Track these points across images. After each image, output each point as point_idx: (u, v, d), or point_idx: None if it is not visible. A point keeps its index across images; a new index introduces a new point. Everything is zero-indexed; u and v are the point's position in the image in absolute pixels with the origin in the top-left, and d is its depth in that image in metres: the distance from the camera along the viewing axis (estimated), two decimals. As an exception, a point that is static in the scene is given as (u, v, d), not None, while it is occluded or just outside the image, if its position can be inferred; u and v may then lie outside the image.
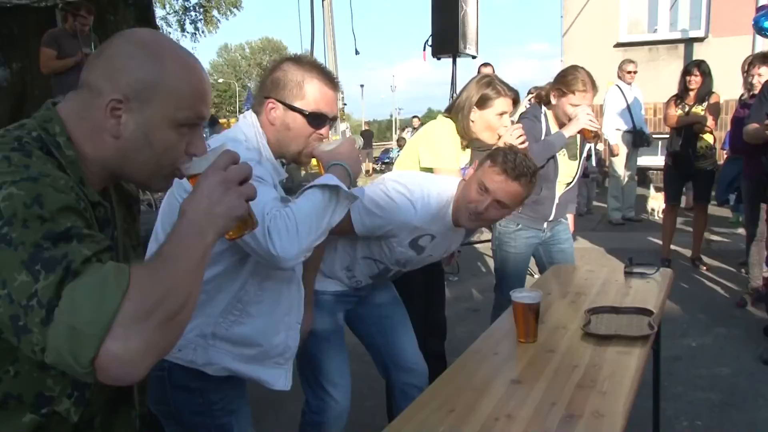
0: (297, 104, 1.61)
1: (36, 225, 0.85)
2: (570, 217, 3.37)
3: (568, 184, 3.13)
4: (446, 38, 4.21)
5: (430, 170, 2.56)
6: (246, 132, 1.64)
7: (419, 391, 1.90)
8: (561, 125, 3.00)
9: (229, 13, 23.61)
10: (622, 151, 7.07)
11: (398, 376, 2.33)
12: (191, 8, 23.74)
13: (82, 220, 0.91)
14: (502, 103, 2.56)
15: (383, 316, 2.35)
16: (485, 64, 6.61)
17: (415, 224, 2.06)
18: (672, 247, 5.61)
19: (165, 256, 0.91)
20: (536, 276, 3.27)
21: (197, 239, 0.94)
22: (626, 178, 7.34)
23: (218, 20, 24.71)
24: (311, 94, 1.62)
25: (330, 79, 1.66)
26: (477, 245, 6.47)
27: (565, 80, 2.99)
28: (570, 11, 10.70)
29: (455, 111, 2.65)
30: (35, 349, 0.84)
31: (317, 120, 1.63)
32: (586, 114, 2.91)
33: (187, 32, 23.51)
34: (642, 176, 9.56)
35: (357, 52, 6.03)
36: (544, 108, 3.08)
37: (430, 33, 4.61)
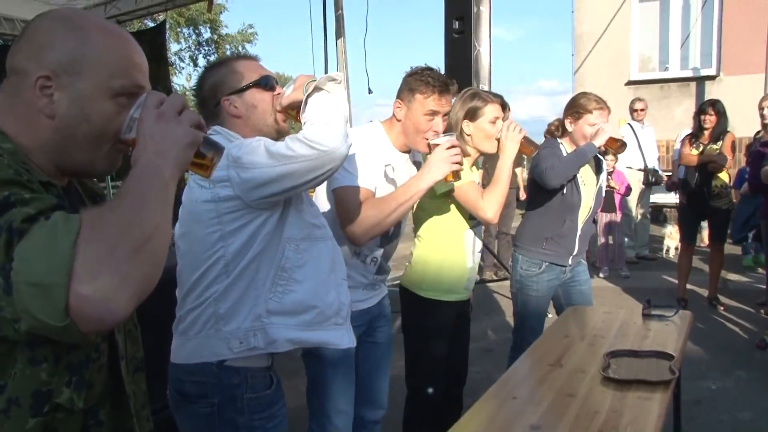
0: (242, 84, 1.71)
1: None
2: None
3: (588, 214, 3.13)
4: (459, 77, 4.26)
5: (447, 194, 2.55)
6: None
7: (377, 426, 2.25)
8: None
9: (241, 48, 24.07)
10: (635, 188, 7.08)
11: (366, 410, 2.40)
12: (204, 43, 24.25)
13: (26, 191, 0.88)
14: (492, 110, 2.57)
15: (374, 350, 2.41)
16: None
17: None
18: (688, 286, 5.57)
19: (120, 195, 0.90)
20: (550, 315, 3.25)
21: (154, 177, 0.92)
22: (639, 216, 7.35)
23: None
24: (244, 69, 1.73)
25: (246, 56, 1.81)
26: (490, 284, 6.44)
27: (579, 103, 3.02)
28: (581, 49, 10.84)
29: None
30: (14, 326, 0.82)
31: (265, 82, 1.72)
32: (610, 125, 2.93)
33: (200, 67, 23.99)
34: (656, 214, 9.56)
35: (370, 91, 6.13)
36: (558, 140, 3.11)
37: (443, 72, 4.68)
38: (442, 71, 2.36)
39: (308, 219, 1.71)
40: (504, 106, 2.68)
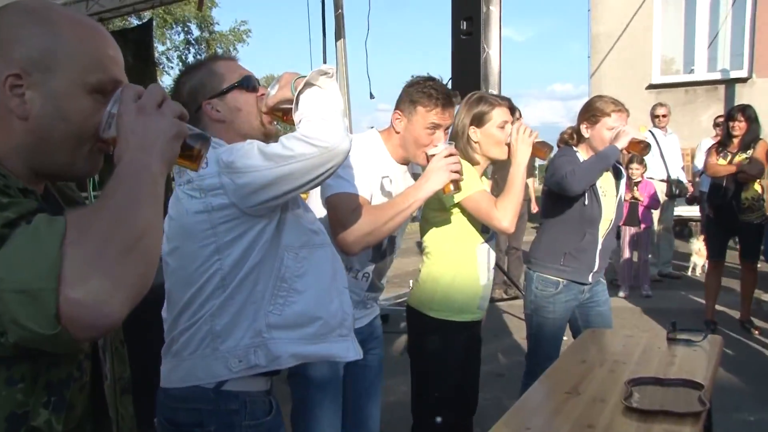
0: (224, 86, 1.73)
1: None
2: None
3: (608, 227, 3.13)
4: (467, 81, 4.28)
5: (455, 207, 2.55)
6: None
7: None
8: None
9: (233, 48, 24.21)
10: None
11: None
12: (194, 42, 24.40)
13: (3, 196, 0.88)
14: (499, 113, 2.58)
15: (364, 374, 2.43)
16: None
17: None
18: (717, 307, 5.55)
19: (106, 195, 0.90)
20: (566, 338, 3.23)
21: (141, 173, 0.93)
22: (661, 230, 7.34)
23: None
24: (224, 70, 1.75)
25: (225, 57, 1.84)
26: (499, 303, 6.43)
27: (595, 107, 3.03)
28: (598, 50, 10.87)
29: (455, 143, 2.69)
30: (1, 341, 0.82)
31: (247, 83, 1.74)
32: (631, 127, 2.94)
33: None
34: (681, 228, 9.55)
35: (372, 96, 6.07)
36: (573, 148, 3.12)
37: (449, 76, 4.74)
38: (449, 75, 2.38)
39: (306, 225, 1.72)
40: (512, 110, 2.69)
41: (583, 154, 3.08)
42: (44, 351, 0.87)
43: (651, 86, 10.55)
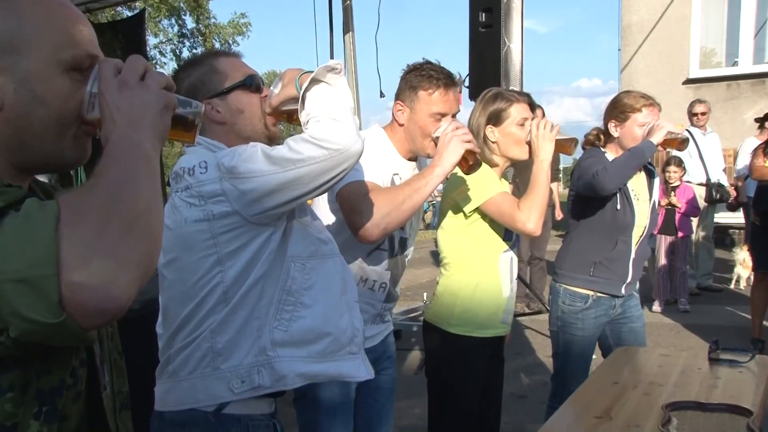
0: (226, 86, 1.74)
1: None
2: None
3: (642, 234, 3.13)
4: (486, 78, 4.28)
5: (474, 212, 2.56)
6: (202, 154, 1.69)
7: None
8: None
9: (232, 42, 24.33)
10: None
11: None
12: (188, 34, 24.53)
13: None
14: (518, 110, 2.59)
15: (376, 396, 2.46)
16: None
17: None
18: (765, 323, 5.48)
19: (98, 174, 0.90)
20: (595, 357, 3.22)
21: (133, 150, 0.94)
22: (701, 239, 7.30)
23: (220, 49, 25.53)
24: (227, 68, 1.77)
25: (228, 53, 1.87)
26: (521, 317, 6.42)
27: (623, 103, 3.03)
28: (630, 42, 10.86)
29: None
30: (1, 339, 0.84)
31: (251, 83, 1.76)
32: (665, 121, 2.94)
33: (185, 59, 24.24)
34: (722, 236, 9.49)
35: (382, 95, 6.07)
36: (601, 149, 3.12)
37: (467, 72, 4.74)
38: (466, 71, 2.40)
39: (314, 234, 1.74)
40: (532, 106, 2.70)
41: (611, 155, 3.08)
42: (36, 355, 0.88)
43: (689, 81, 10.52)
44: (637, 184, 3.11)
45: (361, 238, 2.09)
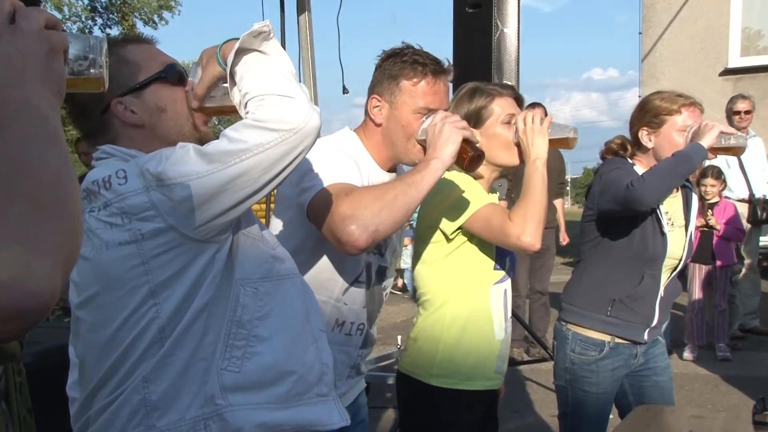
0: (140, 79, 1.76)
1: None
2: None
3: (674, 268, 3.14)
4: (474, 70, 4.31)
5: (458, 233, 2.59)
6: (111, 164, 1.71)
7: None
8: None
9: (158, 19, 24.28)
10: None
11: None
12: (101, 8, 24.39)
13: None
14: (502, 105, 2.62)
15: None
16: (533, 105, 6.77)
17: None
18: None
19: None
20: (611, 417, 3.25)
21: (21, 113, 0.93)
22: (743, 268, 7.33)
23: (141, 31, 25.43)
24: (139, 57, 1.79)
25: (139, 39, 1.89)
26: (520, 366, 6.46)
27: (655, 106, 3.01)
28: (654, 24, 10.94)
29: None
30: None
31: (171, 73, 1.79)
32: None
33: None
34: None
35: (345, 91, 6.07)
36: (628, 159, 3.13)
37: (450, 61, 4.73)
38: (450, 61, 2.42)
39: (266, 250, 1.77)
40: (519, 100, 2.73)
41: (641, 169, 3.07)
42: None
43: (727, 71, 10.59)
44: (672, 205, 3.12)
45: (347, 246, 2.02)
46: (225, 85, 1.73)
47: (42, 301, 0.84)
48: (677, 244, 3.10)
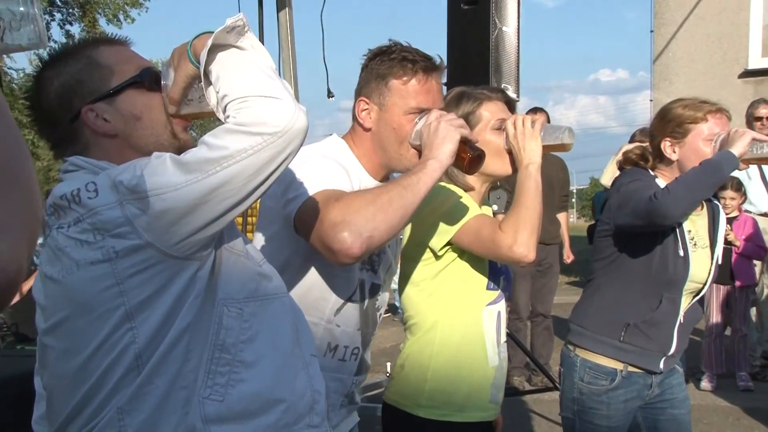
0: (113, 85, 1.77)
1: None
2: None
3: (698, 292, 3.13)
4: (470, 72, 4.32)
5: (447, 249, 2.60)
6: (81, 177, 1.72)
7: None
8: None
9: (124, 17, 24.29)
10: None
11: None
12: (61, 3, 24.36)
13: None
14: (491, 110, 2.64)
15: None
16: (535, 110, 6.76)
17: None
18: None
19: None
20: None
21: None
22: (766, 290, 7.38)
23: (104, 29, 25.43)
24: (112, 60, 1.80)
25: (111, 40, 1.89)
26: (521, 396, 6.47)
27: (678, 115, 3.01)
28: (667, 22, 11.00)
29: None
30: None
31: (146, 77, 1.79)
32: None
33: (55, 43, 24.14)
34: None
35: (330, 94, 6.08)
36: (648, 171, 3.12)
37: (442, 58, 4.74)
38: (443, 58, 2.43)
39: (251, 266, 1.78)
40: (510, 104, 2.75)
41: (663, 182, 3.06)
42: None
43: (747, 73, 10.64)
44: (695, 223, 3.14)
45: (339, 255, 2.00)
46: (202, 84, 1.73)
47: (6, 278, 0.85)
48: (701, 266, 3.08)
